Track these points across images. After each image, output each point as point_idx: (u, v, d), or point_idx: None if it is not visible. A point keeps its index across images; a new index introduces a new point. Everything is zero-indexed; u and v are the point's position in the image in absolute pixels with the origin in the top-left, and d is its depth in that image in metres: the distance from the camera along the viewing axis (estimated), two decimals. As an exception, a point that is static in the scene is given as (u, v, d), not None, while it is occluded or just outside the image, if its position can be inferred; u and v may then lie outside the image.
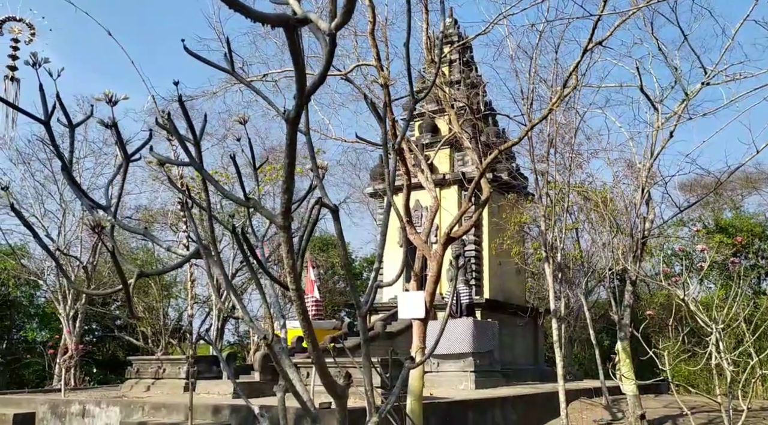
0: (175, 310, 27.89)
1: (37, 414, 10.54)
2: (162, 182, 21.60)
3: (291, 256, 2.09)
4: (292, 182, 2.01)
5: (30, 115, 3.01)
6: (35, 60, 3.04)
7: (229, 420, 8.95)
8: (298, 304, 2.15)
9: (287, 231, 2.05)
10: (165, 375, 12.53)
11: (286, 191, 1.98)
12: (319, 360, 2.22)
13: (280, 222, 2.03)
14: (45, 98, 3.07)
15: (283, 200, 2.00)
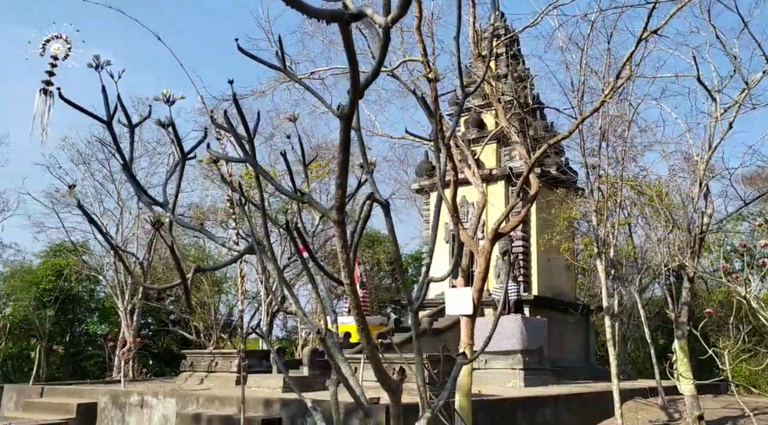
0: (225, 306, 28.57)
1: (99, 404, 10.99)
2: (212, 181, 22.14)
3: (345, 251, 2.10)
4: (346, 177, 2.02)
5: (94, 116, 3.13)
6: (97, 62, 3.15)
7: (280, 414, 9.11)
8: (352, 298, 2.17)
9: (342, 226, 2.06)
10: (217, 369, 12.86)
11: (341, 186, 1.99)
12: (373, 354, 2.23)
13: (334, 217, 2.05)
14: (107, 100, 3.17)
15: (337, 195, 2.02)
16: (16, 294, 23.13)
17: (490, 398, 10.03)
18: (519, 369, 13.18)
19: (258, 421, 8.58)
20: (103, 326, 26.00)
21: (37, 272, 23.92)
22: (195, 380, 12.79)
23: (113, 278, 20.90)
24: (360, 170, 2.99)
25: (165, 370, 23.70)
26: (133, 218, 20.83)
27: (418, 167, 20.22)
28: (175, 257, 2.80)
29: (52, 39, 5.06)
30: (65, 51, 4.91)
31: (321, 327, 2.74)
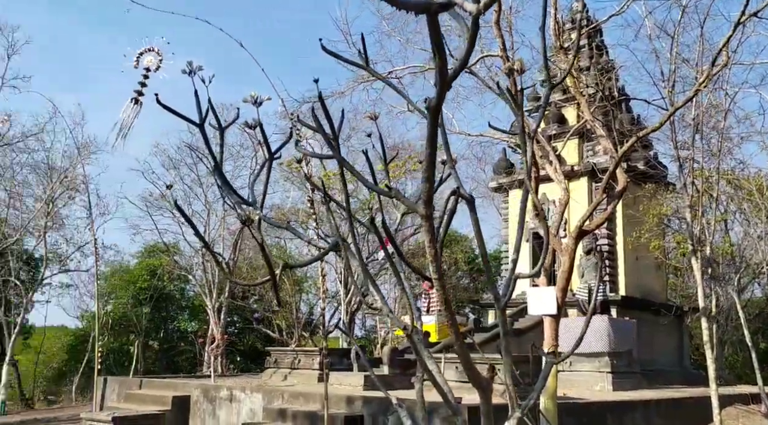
0: (306, 305, 29.24)
1: (191, 397, 11.54)
2: (293, 183, 22.74)
3: (433, 245, 2.08)
4: (433, 170, 1.99)
5: (187, 119, 3.26)
6: (191, 68, 3.29)
7: (362, 411, 9.20)
8: (441, 293, 2.14)
9: (429, 220, 2.04)
10: (300, 366, 13.15)
11: (428, 179, 1.97)
12: (462, 351, 2.19)
13: (422, 211, 2.03)
14: (200, 104, 3.30)
15: (424, 188, 2.00)
16: (116, 292, 24.73)
17: (577, 401, 9.70)
18: (606, 371, 12.67)
19: (341, 418, 8.70)
20: (193, 323, 27.30)
21: (133, 271, 25.46)
22: (279, 376, 13.15)
23: (202, 277, 21.90)
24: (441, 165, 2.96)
25: (250, 366, 24.56)
26: (219, 219, 21.74)
27: (496, 165, 19.87)
28: (264, 254, 2.87)
29: (145, 52, 5.35)
30: (157, 63, 5.17)
31: (407, 322, 2.73)
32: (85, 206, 19.79)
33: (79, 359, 22.20)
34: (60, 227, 21.54)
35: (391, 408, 9.20)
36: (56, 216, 20.58)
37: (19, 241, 20.33)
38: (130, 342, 23.37)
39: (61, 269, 22.59)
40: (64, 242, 22.25)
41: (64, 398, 21.57)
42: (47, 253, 21.13)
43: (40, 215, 19.97)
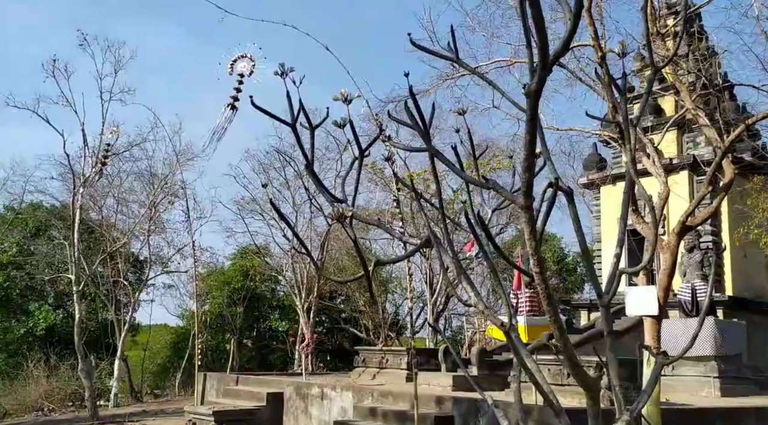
0: (391, 305, 29.42)
1: (285, 394, 11.88)
2: (376, 184, 22.97)
3: (534, 237, 1.99)
4: (533, 158, 1.91)
5: (279, 119, 3.35)
6: (282, 70, 3.36)
7: (452, 412, 9.10)
8: (542, 288, 2.05)
9: (530, 211, 1.96)
10: (388, 365, 13.21)
11: (528, 168, 1.89)
12: (567, 349, 2.09)
13: (521, 202, 1.95)
14: (292, 104, 3.37)
15: (524, 178, 1.92)
16: (213, 293, 25.97)
17: (682, 407, 9.11)
18: (713, 376, 11.83)
19: (431, 418, 8.65)
20: (284, 322, 28.16)
21: (227, 273, 26.64)
22: (368, 375, 13.27)
23: (291, 278, 22.56)
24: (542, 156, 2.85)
25: (338, 365, 25.00)
26: (306, 221, 22.31)
27: (587, 160, 19.12)
28: (358, 249, 2.89)
29: (239, 58, 5.54)
30: (250, 68, 5.34)
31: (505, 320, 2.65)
32: (183, 211, 20.97)
33: (180, 355, 23.50)
34: (161, 231, 22.92)
35: (483, 409, 9.05)
36: (158, 220, 21.92)
37: (127, 244, 21.81)
38: (226, 340, 24.48)
39: (163, 271, 24.03)
40: (166, 244, 23.67)
41: (168, 392, 22.90)
42: (151, 255, 22.55)
43: (144, 220, 21.34)
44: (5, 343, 23.17)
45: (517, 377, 3.15)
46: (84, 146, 16.52)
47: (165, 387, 23.68)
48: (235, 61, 5.97)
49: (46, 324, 23.01)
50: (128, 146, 19.35)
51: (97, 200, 21.64)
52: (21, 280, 22.62)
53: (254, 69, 5.45)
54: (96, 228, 21.51)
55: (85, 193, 17.58)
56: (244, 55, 5.98)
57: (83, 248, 19.55)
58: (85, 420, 15.29)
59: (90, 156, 16.39)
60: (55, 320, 23.12)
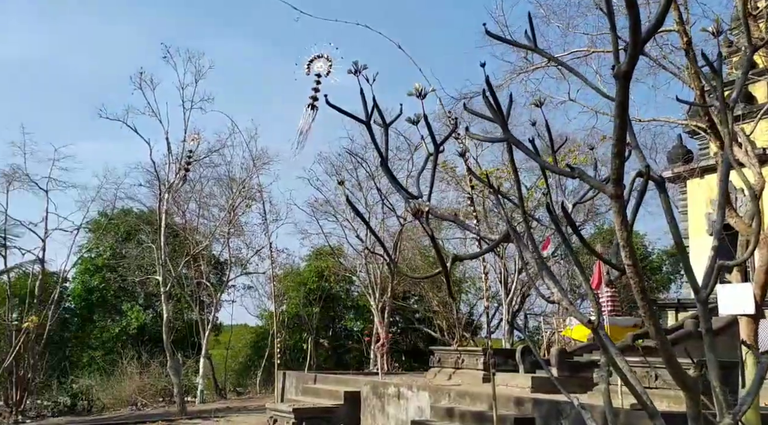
0: (465, 305, 29.12)
1: (361, 392, 11.99)
2: (448, 183, 22.80)
3: (624, 228, 1.89)
4: (624, 144, 1.81)
5: (354, 117, 3.35)
6: (356, 67, 3.37)
7: (532, 414, 8.88)
8: (636, 282, 1.93)
9: (620, 200, 1.85)
10: (464, 366, 13.06)
11: (618, 154, 1.79)
12: (665, 348, 1.96)
13: (611, 191, 1.85)
14: (365, 102, 3.37)
15: (614, 165, 1.82)
16: (289, 293, 26.63)
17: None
18: (818, 382, 10.92)
19: (511, 420, 8.47)
20: (359, 322, 28.48)
21: (303, 274, 27.24)
22: (443, 376, 13.18)
23: (365, 278, 22.77)
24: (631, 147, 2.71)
25: (413, 365, 24.99)
26: (379, 222, 22.46)
27: (671, 153, 18.19)
28: (435, 245, 2.85)
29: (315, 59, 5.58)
30: (327, 68, 5.38)
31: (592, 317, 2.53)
32: (260, 213, 21.61)
33: (260, 354, 24.25)
34: (240, 234, 23.75)
35: (565, 411, 8.76)
36: (237, 223, 22.72)
37: (208, 247, 22.74)
38: (303, 340, 25.03)
39: (243, 272, 24.87)
40: (244, 246, 24.49)
41: (250, 389, 23.68)
42: (231, 257, 23.39)
43: (223, 223, 22.18)
44: (102, 341, 24.73)
45: (605, 378, 3.01)
46: (168, 154, 17.39)
47: (246, 384, 24.49)
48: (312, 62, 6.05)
49: (137, 323, 24.38)
50: (208, 153, 20.19)
51: (180, 204, 22.70)
52: (114, 282, 24.07)
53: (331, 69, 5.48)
54: (180, 232, 22.56)
55: (169, 198, 18.48)
56: (321, 56, 6.04)
57: (169, 251, 20.55)
58: (174, 415, 16.05)
59: (174, 163, 17.23)
60: (145, 319, 24.46)
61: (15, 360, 17.24)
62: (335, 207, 23.04)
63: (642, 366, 8.94)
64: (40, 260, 19.43)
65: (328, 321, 27.98)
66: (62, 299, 22.81)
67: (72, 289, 25.42)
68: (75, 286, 25.42)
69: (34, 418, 17.37)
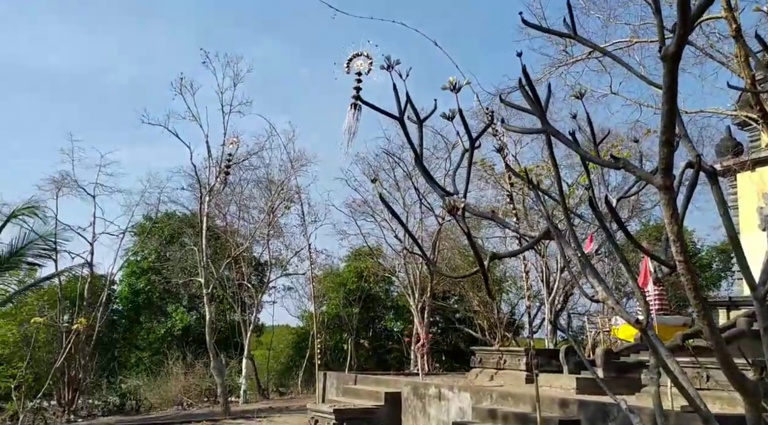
0: (507, 304, 28.72)
1: (402, 393, 11.92)
2: (486, 181, 22.51)
3: (675, 221, 1.76)
4: (673, 131, 1.69)
5: (387, 113, 3.29)
6: (389, 63, 3.30)
7: (577, 416, 8.64)
8: (688, 279, 1.80)
9: (670, 192, 1.73)
10: (506, 366, 12.86)
11: (667, 143, 1.67)
12: (721, 349, 1.83)
13: (659, 182, 1.73)
14: (398, 97, 3.30)
15: (662, 153, 1.70)
16: (329, 294, 26.76)
17: None
18: None
19: (555, 422, 8.26)
20: (398, 323, 28.41)
21: (343, 274, 27.33)
22: (485, 376, 13.00)
23: (404, 278, 22.70)
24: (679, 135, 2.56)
25: (454, 366, 24.78)
26: (417, 222, 22.35)
27: (720, 145, 17.49)
28: (471, 242, 2.75)
29: (354, 57, 5.51)
30: (368, 66, 5.30)
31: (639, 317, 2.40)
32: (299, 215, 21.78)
33: (302, 354, 24.44)
34: (280, 235, 23.99)
35: (612, 413, 8.50)
36: (276, 225, 22.95)
37: (248, 248, 23.04)
38: (343, 340, 25.12)
39: (283, 273, 25.12)
40: (284, 248, 24.73)
41: (292, 389, 23.89)
42: (271, 258, 23.65)
43: (263, 225, 22.43)
44: (149, 342, 25.35)
45: (656, 380, 2.86)
46: (208, 158, 17.68)
47: (289, 384, 24.72)
48: (351, 60, 6.00)
49: (182, 325, 24.89)
50: (247, 155, 20.45)
51: (221, 207, 23.08)
52: (159, 284, 24.63)
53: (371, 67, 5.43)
54: (221, 234, 22.93)
55: (210, 201, 18.80)
56: (360, 54, 5.98)
57: (210, 253, 20.91)
58: (218, 415, 16.30)
59: (214, 166, 17.51)
60: (189, 321, 24.96)
61: (66, 361, 17.81)
62: (373, 207, 23.03)
63: (692, 366, 8.61)
64: (89, 263, 20.03)
65: (368, 321, 28.00)
66: (110, 302, 23.49)
67: (119, 291, 26.16)
68: (122, 288, 26.14)
69: (85, 417, 17.92)
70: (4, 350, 18.01)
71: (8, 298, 14.78)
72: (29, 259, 15.07)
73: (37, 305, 19.49)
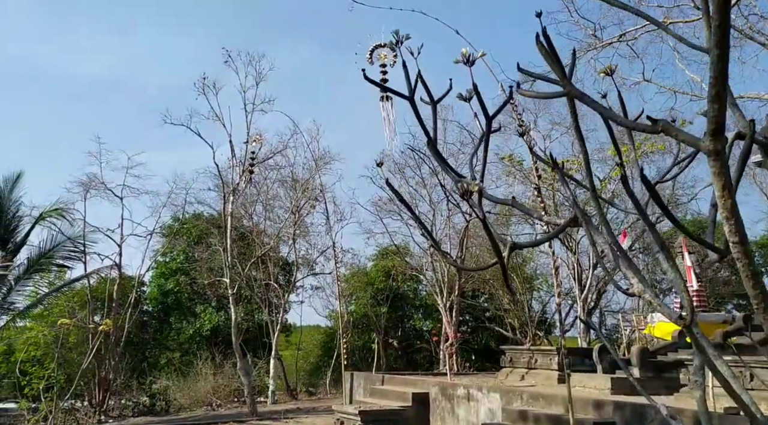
0: (537, 302, 28.20)
1: (430, 394, 11.63)
2: (515, 177, 22.04)
3: (728, 193, 1.45)
4: (724, 84, 1.37)
5: (396, 92, 3.03)
6: (397, 38, 3.03)
7: (613, 418, 8.24)
8: (746, 264, 1.49)
9: (720, 157, 1.42)
10: (537, 366, 12.50)
11: (717, 97, 1.36)
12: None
13: (708, 146, 1.42)
14: (408, 75, 3.03)
15: (711, 112, 1.39)
16: (357, 293, 26.58)
17: None
18: None
19: (589, 424, 7.88)
20: (427, 322, 28.08)
21: (370, 273, 27.12)
22: (516, 376, 12.65)
23: (432, 277, 22.38)
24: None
25: (484, 365, 24.37)
26: (444, 219, 22.01)
27: (765, 129, 16.75)
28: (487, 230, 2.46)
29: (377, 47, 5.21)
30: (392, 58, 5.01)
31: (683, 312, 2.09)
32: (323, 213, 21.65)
33: (330, 354, 24.30)
34: (306, 234, 23.89)
35: (649, 415, 8.08)
36: (302, 224, 22.85)
37: (274, 248, 22.99)
38: (371, 340, 24.90)
39: (309, 273, 25.02)
40: (310, 247, 24.64)
41: (321, 390, 23.78)
42: (297, 258, 23.57)
43: (289, 224, 22.36)
44: (179, 343, 25.52)
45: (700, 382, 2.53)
46: (232, 157, 17.64)
47: (318, 385, 24.62)
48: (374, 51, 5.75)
49: (210, 325, 24.99)
50: (271, 154, 20.38)
51: (247, 207, 23.08)
52: (187, 285, 24.79)
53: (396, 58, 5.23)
54: (247, 234, 22.94)
55: (236, 201, 18.77)
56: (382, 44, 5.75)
57: (237, 253, 20.90)
58: (245, 416, 16.24)
59: (237, 165, 17.45)
60: (218, 321, 25.04)
61: (97, 362, 17.99)
62: (399, 206, 22.75)
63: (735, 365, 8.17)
64: (117, 265, 20.22)
65: (396, 320, 27.74)
66: (140, 303, 23.70)
67: (149, 293, 26.41)
68: (151, 290, 26.39)
69: (116, 418, 18.06)
70: (36, 351, 18.27)
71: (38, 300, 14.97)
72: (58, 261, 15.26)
73: (67, 307, 19.74)
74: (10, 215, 13.73)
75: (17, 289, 14.00)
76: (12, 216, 13.83)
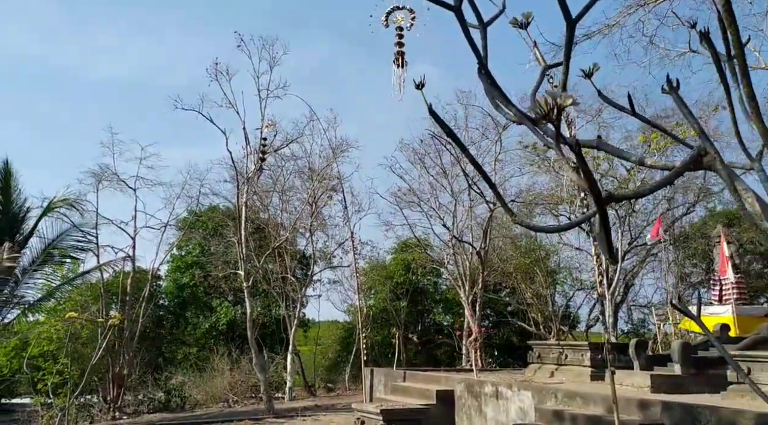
0: (561, 297, 27.38)
1: (455, 391, 10.95)
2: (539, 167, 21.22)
3: None
4: None
5: (441, 3, 2.36)
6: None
7: (660, 419, 7.48)
8: None
9: None
10: (567, 362, 11.81)
11: None
12: None
13: None
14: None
15: None
16: (375, 287, 25.91)
17: None
18: None
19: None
20: (448, 316, 27.36)
21: (389, 267, 26.43)
22: (544, 373, 11.94)
23: (453, 270, 21.64)
24: None
25: (508, 361, 23.65)
26: (465, 210, 21.25)
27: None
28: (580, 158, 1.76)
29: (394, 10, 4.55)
30: (410, 21, 4.39)
31: None
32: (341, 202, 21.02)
33: (349, 350, 23.70)
34: (323, 226, 23.26)
35: (703, 417, 7.31)
36: (319, 216, 22.22)
37: (291, 240, 22.38)
38: (391, 335, 24.23)
39: (327, 266, 24.40)
40: (327, 238, 24.00)
41: (339, 386, 23.17)
42: (315, 251, 22.96)
43: (306, 215, 21.75)
44: (195, 338, 25.07)
45: None
46: (246, 145, 17.04)
47: (336, 381, 24.03)
48: (390, 14, 5.16)
49: (226, 319, 24.50)
50: (287, 141, 19.75)
51: (263, 199, 22.50)
52: (203, 279, 24.31)
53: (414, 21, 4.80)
54: (264, 226, 22.38)
55: (251, 192, 18.18)
56: (400, 7, 5.14)
57: (254, 246, 20.33)
58: (262, 413, 15.69)
59: (252, 154, 16.86)
60: (234, 315, 24.53)
61: (111, 357, 17.56)
62: (420, 196, 22.03)
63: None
64: (131, 257, 19.77)
65: (416, 315, 27.05)
66: (155, 297, 23.27)
67: (165, 287, 25.99)
68: (167, 284, 25.96)
69: (131, 414, 17.63)
70: (50, 346, 17.90)
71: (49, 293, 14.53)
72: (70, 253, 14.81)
73: (81, 301, 19.35)
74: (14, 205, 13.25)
75: (27, 282, 13.57)
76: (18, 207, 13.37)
